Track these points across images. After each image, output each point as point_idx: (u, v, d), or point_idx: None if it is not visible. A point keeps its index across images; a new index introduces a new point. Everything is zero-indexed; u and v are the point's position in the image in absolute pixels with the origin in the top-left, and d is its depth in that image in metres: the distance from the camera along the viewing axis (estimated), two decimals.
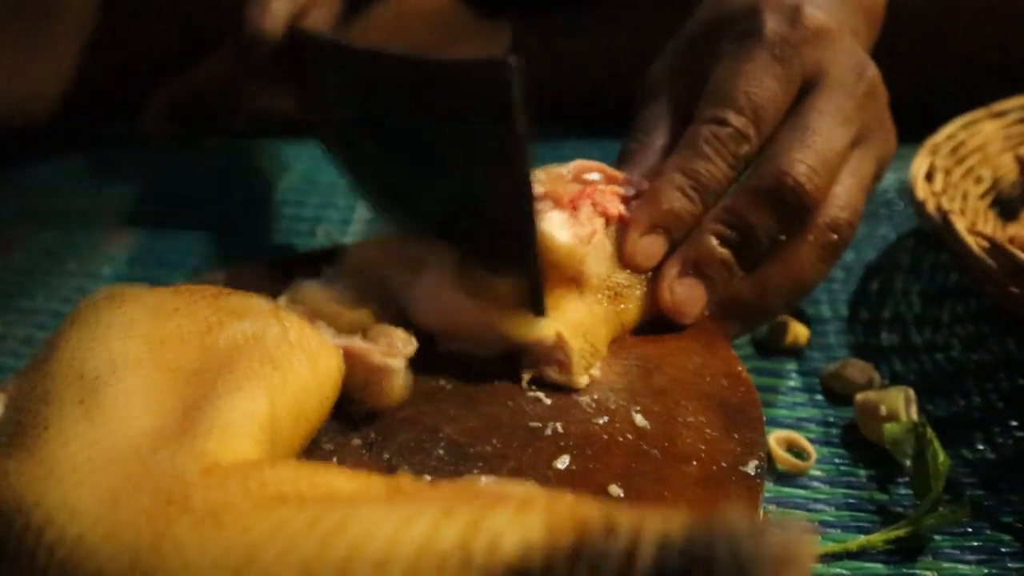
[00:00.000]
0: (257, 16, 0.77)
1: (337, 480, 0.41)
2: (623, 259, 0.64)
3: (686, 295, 0.64)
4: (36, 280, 0.91)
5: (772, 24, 0.68)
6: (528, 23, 1.13)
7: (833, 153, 0.66)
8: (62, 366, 0.47)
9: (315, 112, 0.78)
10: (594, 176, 0.68)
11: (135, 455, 0.41)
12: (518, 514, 0.34)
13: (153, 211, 1.00)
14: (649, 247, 0.65)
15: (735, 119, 0.66)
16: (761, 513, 0.51)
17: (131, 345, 0.48)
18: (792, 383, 0.74)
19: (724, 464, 0.52)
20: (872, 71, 0.71)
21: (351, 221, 0.95)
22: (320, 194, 0.99)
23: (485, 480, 0.48)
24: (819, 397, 0.72)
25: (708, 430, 0.55)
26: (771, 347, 0.76)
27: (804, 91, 0.68)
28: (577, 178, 0.67)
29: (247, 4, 0.78)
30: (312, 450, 0.53)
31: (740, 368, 0.60)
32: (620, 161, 0.73)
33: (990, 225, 0.81)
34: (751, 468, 0.52)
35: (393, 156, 0.67)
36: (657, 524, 0.32)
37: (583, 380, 0.59)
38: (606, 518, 0.33)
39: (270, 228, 0.95)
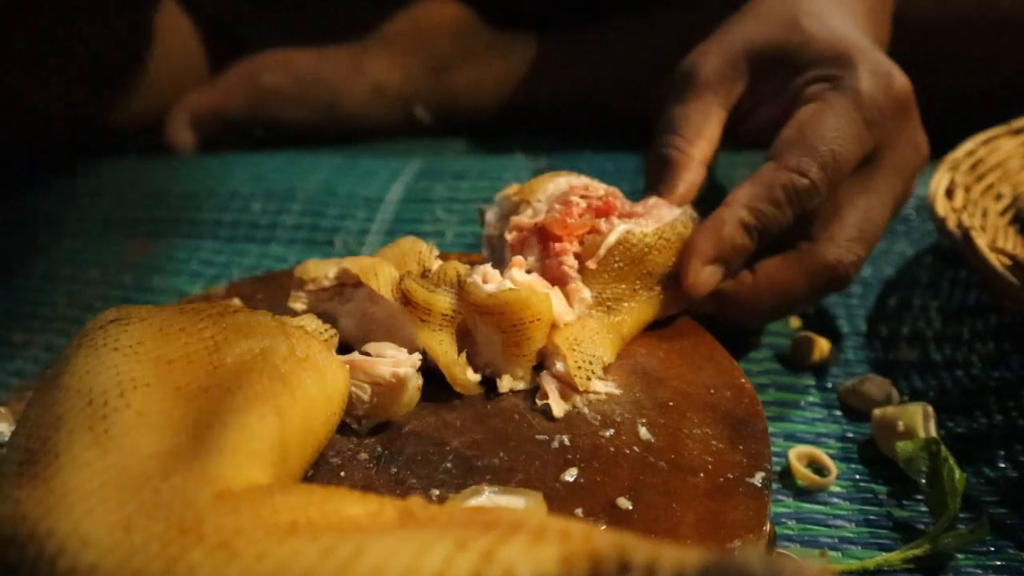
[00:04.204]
0: (169, 133, 0.89)
1: (348, 505, 0.40)
2: (685, 285, 0.66)
3: (708, 279, 0.66)
4: (58, 288, 0.92)
5: (868, 85, 0.69)
6: (545, 38, 1.13)
7: (878, 235, 0.71)
8: (71, 391, 0.47)
9: None
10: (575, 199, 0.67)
11: (146, 481, 0.41)
12: (532, 545, 0.34)
13: (173, 220, 1.00)
14: (710, 277, 0.66)
15: (816, 174, 0.67)
16: (768, 525, 0.50)
17: (138, 367, 0.48)
18: (811, 399, 0.73)
19: (731, 476, 0.52)
20: (926, 148, 0.73)
21: (369, 231, 0.95)
22: (339, 204, 0.99)
23: (490, 491, 0.48)
24: (838, 413, 0.72)
25: (714, 442, 0.54)
26: (797, 364, 0.76)
27: (870, 157, 0.70)
28: (562, 201, 0.67)
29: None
30: (319, 464, 0.53)
31: (744, 380, 0.60)
32: (656, 169, 0.72)
33: (1010, 242, 0.80)
34: (758, 480, 0.52)
35: None
36: (672, 560, 0.31)
37: (591, 386, 0.59)
38: (620, 552, 0.32)
39: (289, 238, 0.96)
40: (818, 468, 0.67)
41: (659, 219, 0.67)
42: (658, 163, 0.72)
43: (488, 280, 0.59)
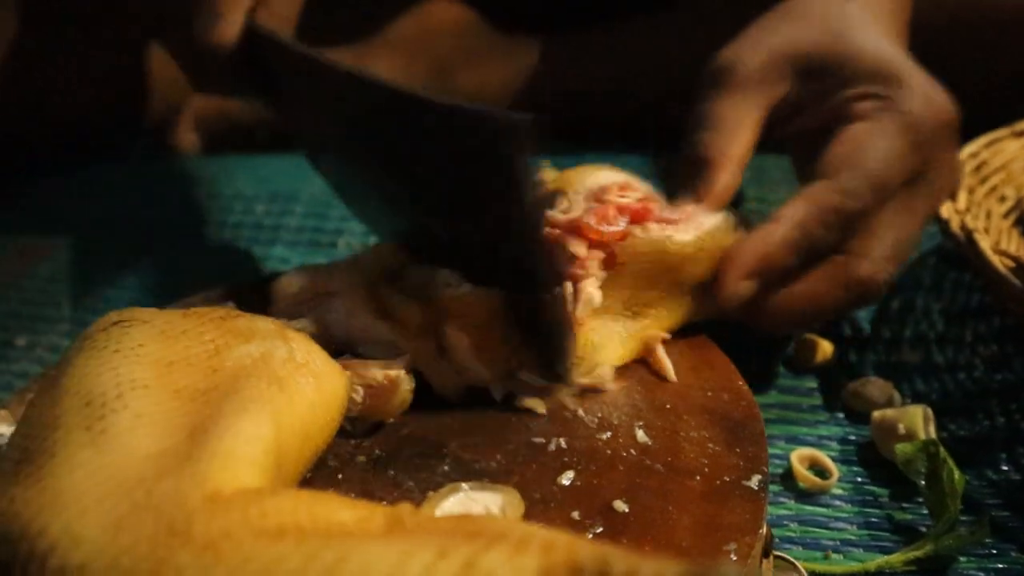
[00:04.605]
0: (211, 22, 0.71)
1: (337, 511, 0.40)
2: (720, 296, 0.64)
3: (745, 291, 0.65)
4: (63, 289, 0.92)
5: (918, 108, 0.68)
6: (550, 40, 1.13)
7: (909, 253, 0.71)
8: (70, 392, 0.47)
9: (289, 121, 0.77)
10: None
11: (139, 482, 0.41)
12: (513, 556, 0.34)
13: (179, 222, 1.01)
14: (747, 291, 0.65)
15: (867, 199, 0.66)
16: (765, 528, 0.51)
17: (138, 369, 0.48)
18: (813, 401, 0.73)
19: (727, 479, 0.52)
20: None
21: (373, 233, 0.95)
22: (342, 207, 0.98)
23: (468, 487, 0.49)
24: (840, 415, 0.72)
25: (711, 445, 0.55)
26: (800, 366, 0.76)
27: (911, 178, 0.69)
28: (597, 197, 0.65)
29: (194, 11, 0.71)
30: (318, 467, 0.53)
31: (741, 383, 0.60)
32: (690, 169, 0.69)
33: (1014, 244, 0.80)
34: (754, 483, 0.52)
35: (378, 177, 0.67)
36: (651, 572, 0.32)
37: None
38: (601, 563, 0.33)
39: (292, 240, 0.96)
40: (820, 470, 0.67)
41: (699, 227, 0.65)
42: (692, 162, 0.69)
43: (452, 283, 0.59)
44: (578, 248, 0.62)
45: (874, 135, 0.67)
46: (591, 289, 0.62)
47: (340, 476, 0.54)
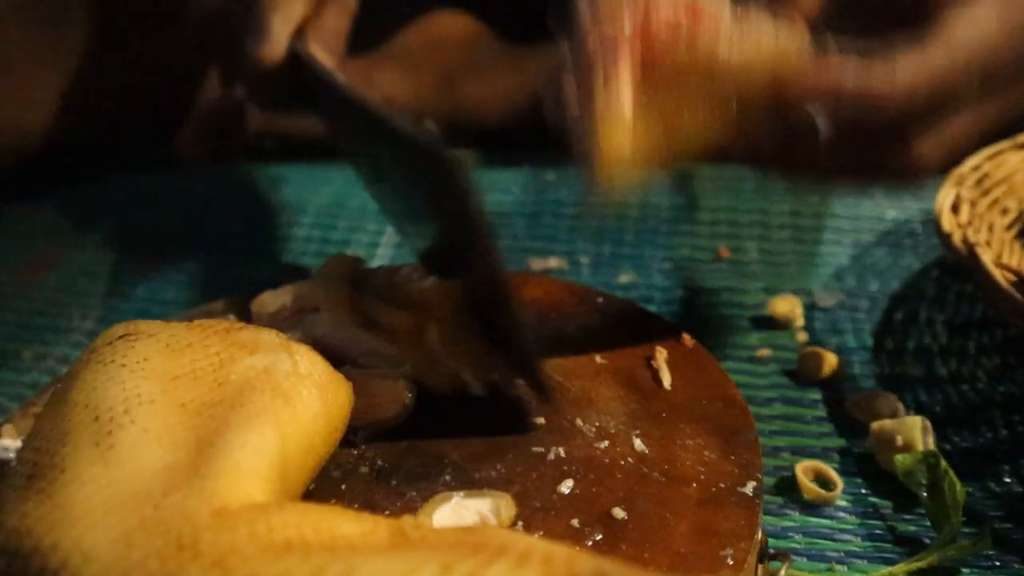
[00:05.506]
0: (256, 44, 0.75)
1: (342, 524, 0.41)
2: (789, 98, 0.54)
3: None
4: (72, 300, 0.92)
5: None
6: (556, 51, 1.13)
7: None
8: (78, 407, 0.47)
9: (335, 136, 0.80)
10: None
11: (148, 497, 0.42)
12: (515, 569, 0.35)
13: (185, 232, 1.01)
14: (813, 108, 0.54)
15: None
16: (760, 535, 0.51)
17: (144, 384, 0.48)
18: (818, 413, 0.73)
19: (723, 485, 0.52)
20: None
21: (379, 244, 0.96)
22: (349, 217, 1.00)
23: (459, 496, 0.49)
24: (844, 427, 0.72)
25: (706, 452, 0.55)
26: (805, 378, 0.76)
27: None
28: None
29: (244, 30, 0.75)
30: (321, 477, 0.54)
31: (735, 391, 0.60)
32: None
33: (1016, 256, 0.80)
34: (749, 489, 0.52)
35: (389, 191, 0.69)
36: None
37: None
38: (599, 575, 0.33)
39: (300, 250, 0.97)
40: (824, 482, 0.67)
41: (756, 36, 0.55)
42: None
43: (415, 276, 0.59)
44: (614, 32, 0.55)
45: None
46: (623, 86, 0.54)
47: (343, 487, 0.54)
